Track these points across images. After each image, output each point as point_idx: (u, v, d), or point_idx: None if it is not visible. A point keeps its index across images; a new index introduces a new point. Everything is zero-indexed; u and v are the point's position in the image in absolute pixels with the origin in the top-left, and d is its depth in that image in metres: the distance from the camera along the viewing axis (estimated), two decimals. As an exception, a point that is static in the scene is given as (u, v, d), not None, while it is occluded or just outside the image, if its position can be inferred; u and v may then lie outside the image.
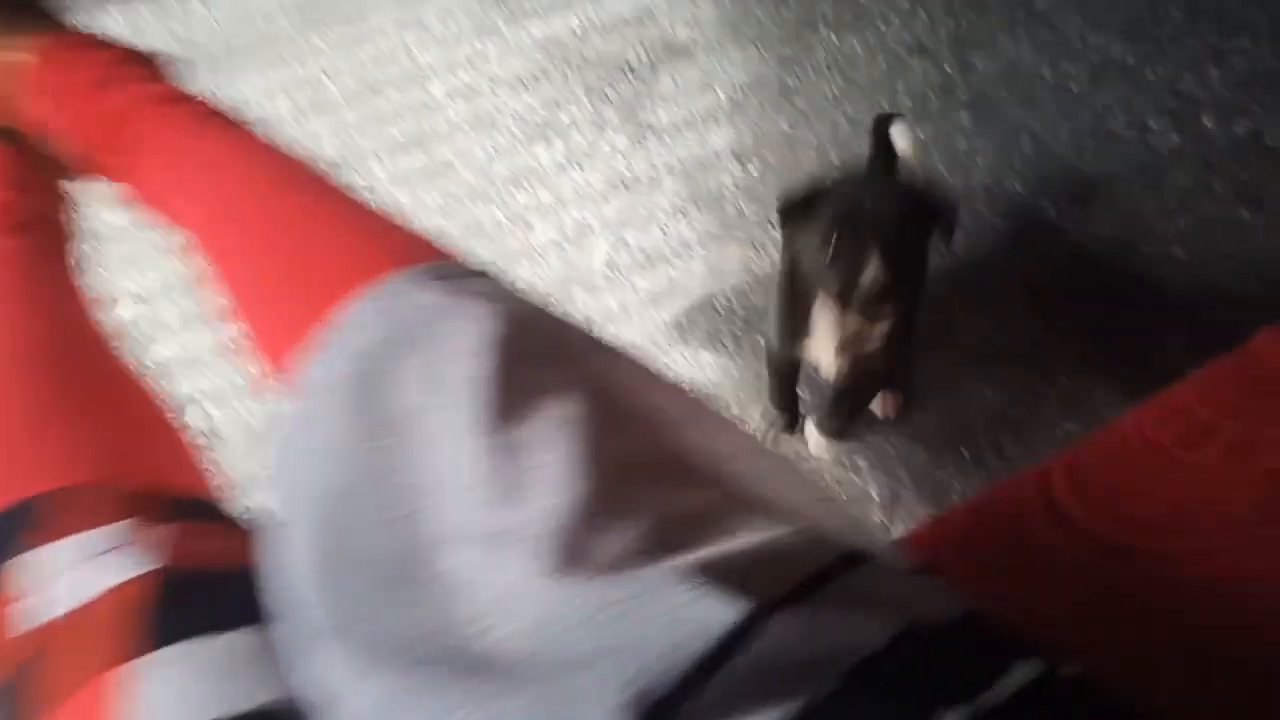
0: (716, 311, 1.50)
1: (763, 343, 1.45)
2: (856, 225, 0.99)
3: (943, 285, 1.41)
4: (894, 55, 1.77)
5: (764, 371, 1.42)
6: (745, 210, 1.62)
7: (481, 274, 0.56)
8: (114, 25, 2.07)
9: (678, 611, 0.37)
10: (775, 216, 1.09)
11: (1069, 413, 1.34)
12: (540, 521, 0.40)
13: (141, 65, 0.77)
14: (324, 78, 1.92)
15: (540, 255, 1.61)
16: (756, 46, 1.84)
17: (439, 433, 0.45)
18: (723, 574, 0.38)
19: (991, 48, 1.76)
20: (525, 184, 1.71)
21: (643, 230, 1.62)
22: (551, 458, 0.43)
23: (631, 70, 1.85)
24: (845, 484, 1.33)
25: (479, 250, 1.62)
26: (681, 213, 1.63)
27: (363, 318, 0.50)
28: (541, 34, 1.94)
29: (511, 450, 0.43)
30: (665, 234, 1.61)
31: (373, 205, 0.63)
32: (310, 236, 0.59)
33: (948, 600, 0.42)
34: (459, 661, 0.38)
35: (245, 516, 0.59)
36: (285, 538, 0.46)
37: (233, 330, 0.63)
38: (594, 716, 0.34)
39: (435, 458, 0.44)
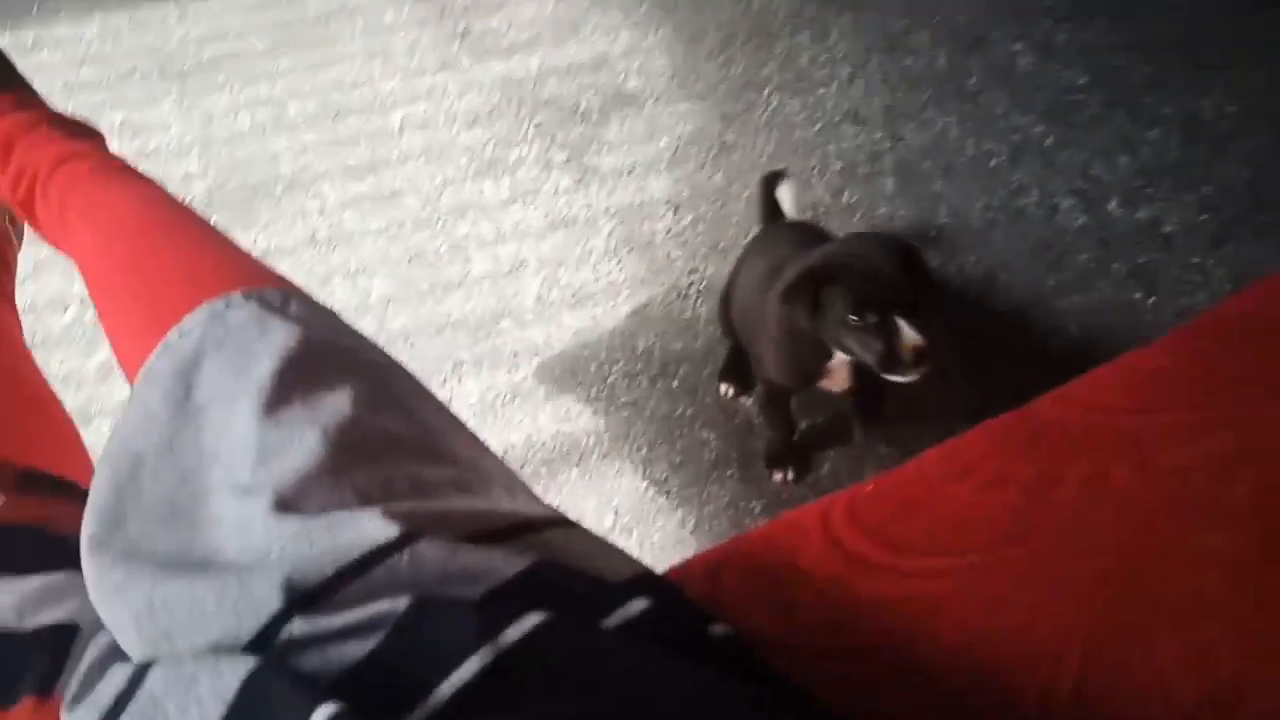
0: (636, 353, 1.58)
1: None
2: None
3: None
4: (829, 120, 1.87)
5: (676, 412, 1.50)
6: (674, 256, 1.70)
7: (300, 299, 0.69)
8: (91, 32, 2.14)
9: (350, 533, 0.50)
10: (703, 264, 1.16)
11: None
12: (279, 478, 0.54)
13: (48, 127, 0.92)
14: (288, 98, 2.00)
15: (475, 286, 1.68)
16: (702, 101, 1.93)
17: (227, 414, 0.59)
18: (403, 514, 0.50)
19: (921, 120, 1.86)
20: (469, 216, 1.79)
21: (575, 269, 1.70)
22: (303, 433, 0.56)
23: (582, 114, 1.94)
24: (740, 528, 1.41)
25: (416, 277, 1.70)
26: (614, 255, 1.71)
27: (190, 327, 0.64)
28: (502, 73, 2.03)
29: (277, 427, 0.57)
30: (596, 274, 1.69)
31: (225, 237, 0.77)
32: (165, 266, 0.74)
33: (619, 559, 0.55)
34: (193, 567, 0.52)
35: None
36: (94, 479, 0.59)
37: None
38: (260, 594, 0.47)
39: (220, 432, 0.58)
